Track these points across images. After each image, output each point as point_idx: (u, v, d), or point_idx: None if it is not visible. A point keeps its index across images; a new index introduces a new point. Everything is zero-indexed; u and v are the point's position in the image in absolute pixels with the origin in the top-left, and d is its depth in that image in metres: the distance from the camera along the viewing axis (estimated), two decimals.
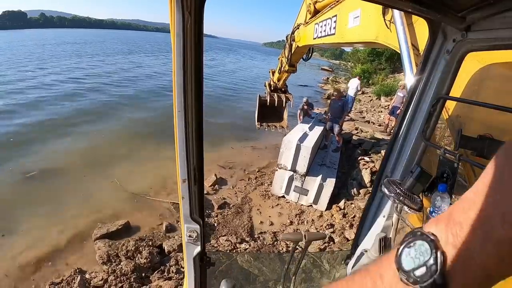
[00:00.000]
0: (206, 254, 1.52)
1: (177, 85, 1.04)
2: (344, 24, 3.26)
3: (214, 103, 15.90)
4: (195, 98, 1.08)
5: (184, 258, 1.50)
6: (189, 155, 1.21)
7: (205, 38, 13.10)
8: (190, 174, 1.25)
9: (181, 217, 1.35)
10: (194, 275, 1.50)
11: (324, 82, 32.67)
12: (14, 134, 9.21)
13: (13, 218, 5.47)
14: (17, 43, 43.06)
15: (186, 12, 0.94)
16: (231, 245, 5.29)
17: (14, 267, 4.45)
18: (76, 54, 33.68)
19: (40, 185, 6.66)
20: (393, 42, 2.14)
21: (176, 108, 1.09)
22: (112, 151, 8.74)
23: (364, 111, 16.37)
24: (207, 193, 6.95)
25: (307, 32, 4.81)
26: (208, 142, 9.79)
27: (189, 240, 1.39)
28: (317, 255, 3.14)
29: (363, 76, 23.81)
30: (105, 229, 5.18)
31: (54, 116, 11.43)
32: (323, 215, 6.53)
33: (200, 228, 1.37)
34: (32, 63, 23.52)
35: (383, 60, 26.35)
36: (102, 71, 23.07)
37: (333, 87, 26.61)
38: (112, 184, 6.91)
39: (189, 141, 1.17)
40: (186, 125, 1.13)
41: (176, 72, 1.03)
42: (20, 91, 14.43)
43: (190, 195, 1.29)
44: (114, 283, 4.13)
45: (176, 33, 0.97)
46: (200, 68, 1.05)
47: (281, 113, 8.21)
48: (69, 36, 72.40)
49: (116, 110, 13.08)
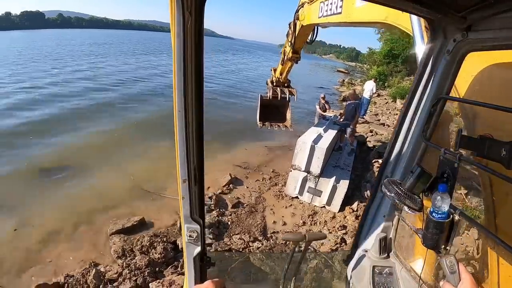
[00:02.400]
0: (206, 254, 1.51)
1: (177, 85, 1.05)
2: (351, 3, 3.07)
3: (230, 101, 16.15)
4: (195, 98, 1.08)
5: (184, 258, 1.49)
6: (189, 155, 1.20)
7: (222, 40, 13.27)
8: (190, 174, 1.24)
9: (181, 217, 1.35)
10: (194, 275, 1.49)
11: (340, 84, 32.33)
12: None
13: (28, 211, 5.74)
14: (40, 42, 45.17)
15: (186, 12, 0.93)
16: (244, 244, 5.35)
17: (28, 259, 4.67)
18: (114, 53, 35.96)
19: (56, 179, 6.97)
20: (404, 23, 1.99)
21: (176, 108, 1.09)
22: (128, 148, 9.04)
23: (379, 113, 16.12)
24: (221, 192, 7.07)
25: (312, 10, 4.51)
26: (223, 142, 9.95)
27: (189, 240, 1.38)
28: (317, 255, 3.13)
29: (379, 79, 23.43)
30: (121, 224, 5.36)
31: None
32: (336, 217, 6.51)
33: (200, 228, 1.36)
34: (57, 61, 24.75)
35: (399, 62, 25.79)
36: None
37: (348, 89, 26.29)
38: (128, 181, 7.12)
39: (189, 141, 1.17)
40: (186, 125, 1.13)
41: (176, 72, 1.03)
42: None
43: (190, 195, 1.29)
44: (128, 276, 4.26)
45: (176, 33, 0.97)
46: (201, 68, 1.05)
47: (284, 113, 7.82)
48: (95, 37, 75.03)
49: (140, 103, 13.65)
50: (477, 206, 1.50)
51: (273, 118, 7.57)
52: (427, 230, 1.29)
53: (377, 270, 1.66)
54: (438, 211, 1.27)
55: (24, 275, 4.37)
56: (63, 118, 11.22)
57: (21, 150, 8.19)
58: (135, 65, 28.38)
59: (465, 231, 1.45)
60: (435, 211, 1.27)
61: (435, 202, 1.28)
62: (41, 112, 11.54)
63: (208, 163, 8.11)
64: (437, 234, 1.27)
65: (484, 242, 1.37)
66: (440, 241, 1.28)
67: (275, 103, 7.49)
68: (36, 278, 4.29)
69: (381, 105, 18.82)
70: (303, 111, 15.90)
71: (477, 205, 1.50)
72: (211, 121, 12.34)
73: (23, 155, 7.88)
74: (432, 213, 1.29)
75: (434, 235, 1.27)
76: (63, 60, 26.43)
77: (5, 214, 5.58)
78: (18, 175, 6.97)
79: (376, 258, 1.71)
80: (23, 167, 7.33)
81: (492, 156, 1.16)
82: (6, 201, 5.95)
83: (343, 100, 20.52)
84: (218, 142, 10.04)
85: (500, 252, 1.26)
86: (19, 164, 7.44)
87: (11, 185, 6.53)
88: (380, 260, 1.70)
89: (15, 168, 7.24)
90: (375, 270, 1.66)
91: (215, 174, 7.78)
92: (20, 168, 7.27)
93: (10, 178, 6.82)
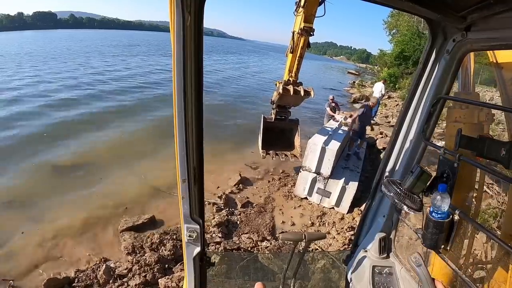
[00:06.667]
0: (206, 254, 1.51)
1: (177, 85, 1.05)
2: None
3: (245, 101, 16.22)
4: (195, 98, 1.08)
5: (184, 258, 1.48)
6: (189, 155, 1.20)
7: (234, 41, 13.30)
8: (190, 174, 1.24)
9: (181, 217, 1.34)
10: (194, 275, 1.49)
11: (350, 85, 32.02)
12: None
13: (41, 207, 5.91)
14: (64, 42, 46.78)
15: (186, 12, 0.93)
16: (253, 243, 5.39)
17: (39, 254, 4.78)
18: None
19: (70, 177, 7.18)
20: None
21: (176, 108, 1.09)
22: (140, 147, 9.21)
23: (389, 115, 15.88)
24: (231, 192, 7.13)
25: None
26: (234, 142, 10.04)
27: (189, 240, 1.38)
28: (317, 255, 3.13)
29: (390, 80, 23.14)
30: (131, 222, 5.46)
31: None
32: (345, 218, 6.49)
33: (200, 228, 1.36)
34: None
35: (410, 64, 25.30)
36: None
37: (359, 91, 26.00)
38: (139, 180, 7.25)
39: (189, 141, 1.16)
40: (186, 125, 1.12)
41: (176, 72, 1.03)
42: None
43: (190, 195, 1.28)
44: (138, 272, 4.35)
45: (176, 33, 0.96)
46: (200, 68, 1.05)
47: (291, 139, 7.00)
48: (113, 38, 76.98)
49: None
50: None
51: (278, 144, 6.90)
52: (427, 230, 1.29)
53: (377, 270, 1.66)
54: (437, 211, 1.27)
55: (35, 270, 4.47)
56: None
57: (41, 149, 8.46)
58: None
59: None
60: (435, 211, 1.28)
61: (435, 202, 1.28)
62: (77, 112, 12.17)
63: (219, 162, 8.24)
64: (437, 234, 1.27)
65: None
66: (440, 241, 1.29)
67: (281, 126, 6.86)
68: (47, 272, 4.39)
69: (391, 107, 18.53)
70: (314, 112, 15.87)
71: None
72: (225, 122, 12.56)
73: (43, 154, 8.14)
74: (431, 213, 1.29)
75: (434, 235, 1.28)
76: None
77: (19, 210, 5.76)
78: (35, 171, 7.23)
79: (376, 258, 1.71)
80: (42, 164, 7.59)
81: (492, 156, 1.16)
82: (19, 197, 6.13)
83: (353, 102, 20.37)
84: (230, 143, 10.15)
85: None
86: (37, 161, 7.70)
87: (25, 182, 6.74)
88: (380, 260, 1.70)
89: (32, 164, 7.50)
90: (375, 270, 1.66)
91: (225, 174, 7.85)
92: (37, 165, 7.53)
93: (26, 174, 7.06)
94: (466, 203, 1.68)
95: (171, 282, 4.20)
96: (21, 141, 8.82)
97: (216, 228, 5.59)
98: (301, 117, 8.67)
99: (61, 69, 21.99)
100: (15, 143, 8.66)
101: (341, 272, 1.99)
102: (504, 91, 1.26)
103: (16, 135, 9.24)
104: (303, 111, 14.10)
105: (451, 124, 1.60)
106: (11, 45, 39.80)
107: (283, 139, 7.01)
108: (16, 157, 7.76)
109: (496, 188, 4.96)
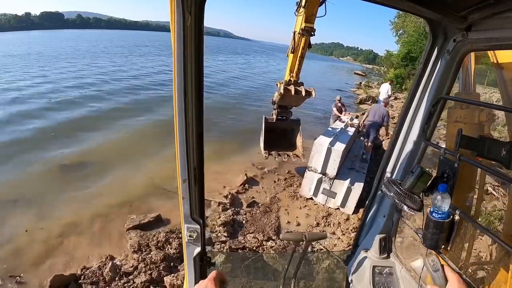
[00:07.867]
0: (206, 254, 1.52)
1: (177, 85, 1.05)
2: None
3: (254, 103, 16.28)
4: (195, 98, 1.08)
5: (184, 258, 1.50)
6: (189, 155, 1.21)
7: (240, 41, 13.37)
8: (190, 174, 1.24)
9: (181, 217, 1.35)
10: (194, 275, 1.49)
11: (357, 86, 31.81)
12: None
13: (48, 205, 6.00)
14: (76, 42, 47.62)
15: (186, 12, 0.93)
16: (258, 242, 5.41)
17: (46, 251, 4.85)
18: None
19: (76, 175, 7.27)
20: None
21: (177, 108, 1.09)
22: (146, 146, 9.30)
23: (396, 116, 15.71)
24: (237, 191, 7.15)
25: None
26: (240, 143, 10.09)
27: (189, 240, 1.39)
28: (321, 255, 3.12)
29: (396, 81, 23.00)
30: (137, 220, 5.52)
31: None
32: (350, 219, 6.46)
33: (200, 228, 1.37)
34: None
35: (417, 65, 25.06)
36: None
37: (365, 92, 25.83)
38: (146, 179, 7.32)
39: (189, 141, 1.17)
40: (186, 125, 1.13)
41: (176, 72, 1.03)
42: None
43: (190, 195, 1.29)
44: (143, 270, 4.40)
45: (176, 33, 0.97)
46: (201, 68, 1.05)
47: (293, 139, 7.06)
48: (123, 37, 77.88)
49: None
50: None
51: (280, 145, 6.97)
52: (427, 230, 1.29)
53: (377, 270, 1.66)
54: (438, 211, 1.27)
55: (41, 267, 4.53)
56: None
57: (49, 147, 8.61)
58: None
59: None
60: (435, 211, 1.28)
61: (435, 202, 1.28)
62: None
63: (225, 162, 8.27)
64: (437, 234, 1.27)
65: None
66: (440, 241, 1.29)
67: (282, 126, 6.89)
68: (53, 269, 4.44)
69: (398, 108, 18.33)
70: (320, 112, 15.83)
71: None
72: (232, 123, 12.63)
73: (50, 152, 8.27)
74: (432, 213, 1.29)
75: (434, 235, 1.28)
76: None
77: (25, 207, 5.84)
78: (41, 171, 7.32)
79: (376, 258, 1.71)
80: (49, 163, 7.70)
81: (492, 156, 1.16)
82: (25, 195, 6.22)
83: (360, 103, 20.23)
84: (236, 143, 10.18)
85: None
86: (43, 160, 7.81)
87: (31, 180, 6.85)
88: (380, 260, 1.70)
89: (37, 164, 7.60)
90: (375, 270, 1.66)
91: (231, 174, 7.87)
92: (43, 163, 7.64)
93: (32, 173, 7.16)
94: (466, 203, 1.68)
95: (176, 280, 4.22)
96: (27, 139, 8.98)
97: (221, 228, 5.61)
98: (305, 118, 8.63)
99: (68, 69, 22.33)
100: (21, 141, 8.80)
101: (345, 272, 2.00)
102: (505, 91, 1.26)
103: (22, 133, 9.40)
104: (309, 112, 14.12)
105: (451, 124, 1.60)
106: (19, 45, 40.48)
107: (285, 140, 7.09)
108: (23, 155, 7.89)
109: (502, 190, 4.90)
